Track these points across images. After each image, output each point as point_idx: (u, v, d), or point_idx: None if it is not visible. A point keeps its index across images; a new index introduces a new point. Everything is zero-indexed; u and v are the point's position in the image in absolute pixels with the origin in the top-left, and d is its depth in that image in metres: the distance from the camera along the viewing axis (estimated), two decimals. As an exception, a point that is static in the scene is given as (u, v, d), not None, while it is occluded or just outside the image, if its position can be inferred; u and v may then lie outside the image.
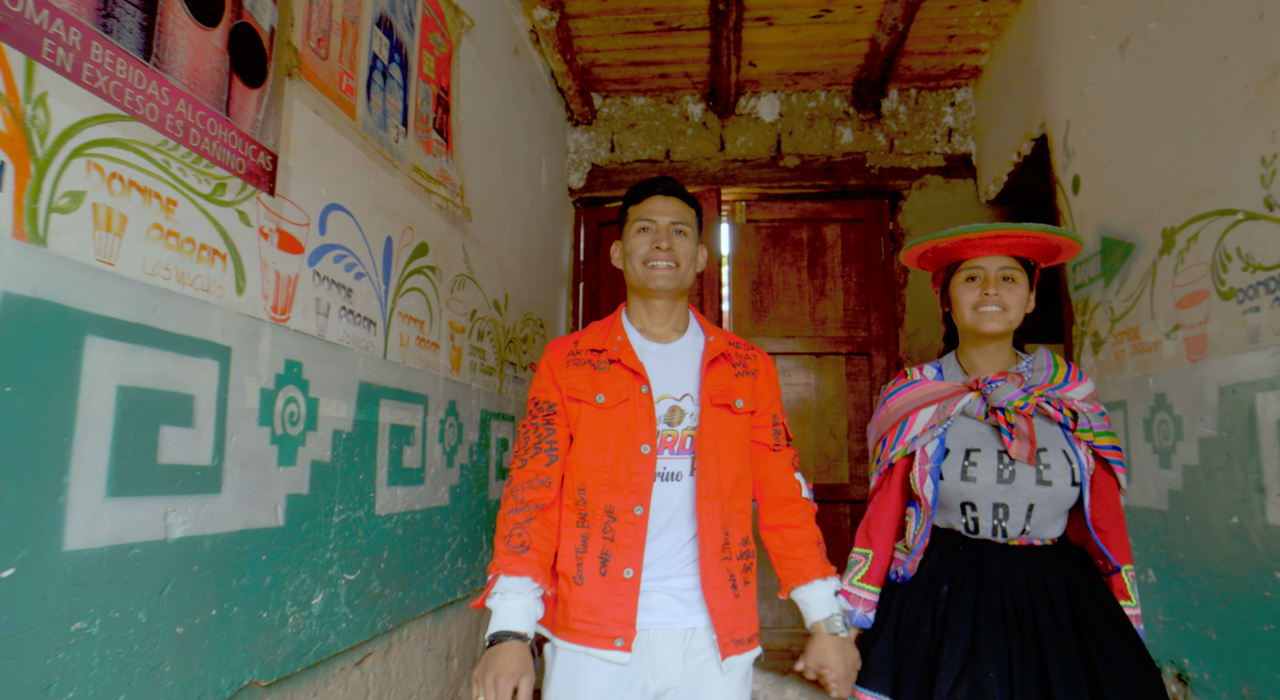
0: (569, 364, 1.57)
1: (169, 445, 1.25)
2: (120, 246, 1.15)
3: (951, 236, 1.56)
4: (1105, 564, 1.55)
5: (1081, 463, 1.50)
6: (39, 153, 1.02)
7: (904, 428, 1.60)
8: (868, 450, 3.97)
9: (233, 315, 1.41)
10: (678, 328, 1.64)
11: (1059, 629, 1.43)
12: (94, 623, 1.10)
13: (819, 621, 1.56)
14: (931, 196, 4.00)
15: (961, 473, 1.53)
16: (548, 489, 1.52)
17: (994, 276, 1.56)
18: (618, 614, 1.46)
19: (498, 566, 1.43)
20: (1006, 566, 1.50)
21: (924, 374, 1.67)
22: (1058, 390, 1.54)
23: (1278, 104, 1.70)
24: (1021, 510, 1.49)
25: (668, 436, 1.53)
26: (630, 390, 1.53)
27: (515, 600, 1.40)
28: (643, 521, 1.49)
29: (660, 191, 1.61)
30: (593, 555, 1.49)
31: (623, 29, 3.51)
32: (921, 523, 1.55)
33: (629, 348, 1.56)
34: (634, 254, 1.59)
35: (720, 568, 1.50)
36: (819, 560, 1.60)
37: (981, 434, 1.55)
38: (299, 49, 1.63)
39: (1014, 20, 3.38)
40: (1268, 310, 1.74)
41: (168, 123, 1.25)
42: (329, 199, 1.75)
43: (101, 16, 1.12)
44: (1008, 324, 1.55)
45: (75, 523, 1.07)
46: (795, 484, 1.65)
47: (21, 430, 0.99)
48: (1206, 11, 1.97)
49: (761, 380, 1.64)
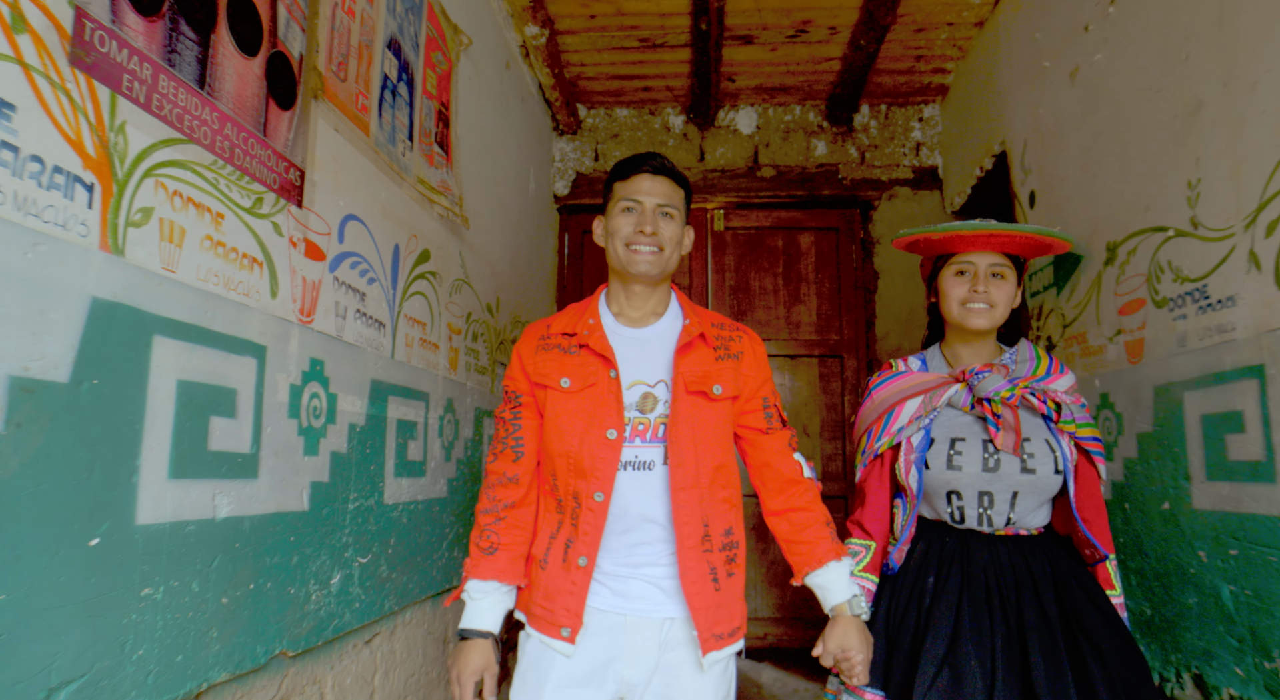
0: (539, 349, 1.54)
1: (217, 434, 1.39)
2: (180, 255, 1.30)
3: (945, 232, 1.56)
4: (1093, 553, 1.55)
5: (1064, 452, 1.52)
6: (119, 174, 1.16)
7: (890, 419, 1.61)
8: (839, 449, 4.16)
9: (268, 317, 1.55)
10: (656, 311, 1.58)
11: (1044, 618, 1.43)
12: (159, 589, 1.25)
13: (840, 603, 1.50)
14: (900, 207, 4.21)
15: (947, 462, 1.53)
16: (516, 486, 1.53)
17: (984, 273, 1.55)
18: (569, 603, 1.44)
19: (468, 567, 1.50)
20: (993, 556, 1.51)
21: (909, 365, 1.67)
22: (1041, 382, 1.56)
23: (1200, 135, 1.90)
24: (1006, 498, 1.51)
25: (639, 424, 1.48)
26: (598, 375, 1.49)
27: (482, 601, 1.48)
28: (603, 509, 1.44)
29: (648, 169, 1.53)
30: (560, 541, 1.48)
31: (609, 45, 3.68)
32: (908, 513, 1.57)
33: (599, 331, 1.52)
34: (616, 234, 1.52)
35: (700, 560, 1.45)
36: (831, 541, 1.53)
37: (966, 424, 1.57)
38: (323, 73, 1.78)
39: (977, 44, 3.59)
40: (1193, 317, 1.94)
41: (217, 144, 1.39)
42: (347, 210, 1.90)
43: (167, 52, 1.27)
44: (994, 321, 1.56)
45: (144, 500, 1.21)
46: (795, 465, 1.57)
47: (105, 417, 1.14)
48: (1143, 49, 2.18)
49: (747, 362, 1.56)
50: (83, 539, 1.09)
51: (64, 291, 1.06)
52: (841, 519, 4.07)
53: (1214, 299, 1.86)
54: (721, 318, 1.63)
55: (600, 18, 3.45)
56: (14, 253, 0.98)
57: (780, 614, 4.11)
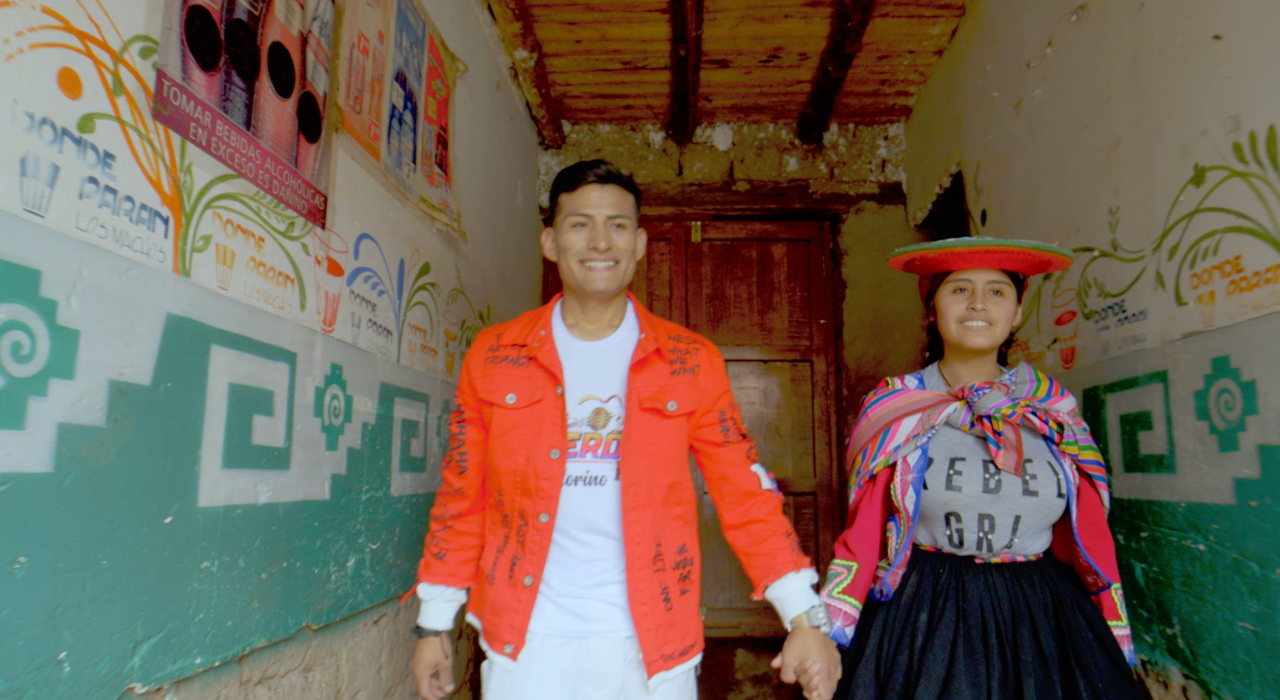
0: (487, 362, 1.52)
1: (258, 430, 1.59)
2: (231, 275, 1.50)
3: (941, 249, 1.51)
4: (1096, 581, 1.48)
5: (1067, 475, 1.46)
6: (187, 207, 1.37)
7: (885, 437, 1.54)
8: (809, 449, 4.40)
9: (298, 327, 1.76)
10: (612, 324, 1.54)
11: (1041, 657, 1.38)
12: (214, 563, 1.45)
13: (799, 616, 1.46)
14: (867, 220, 4.47)
15: (946, 482, 1.46)
16: (462, 497, 1.58)
17: (982, 290, 1.50)
18: (514, 620, 1.44)
19: (421, 570, 1.61)
20: (989, 587, 1.44)
21: (905, 384, 1.61)
22: (1042, 403, 1.51)
23: (1119, 168, 2.16)
24: (1008, 522, 1.43)
25: (590, 439, 1.46)
26: (545, 390, 1.46)
27: (432, 603, 1.60)
28: (548, 529, 1.43)
29: (594, 178, 1.47)
30: (507, 556, 1.48)
31: (593, 67, 3.90)
32: (902, 535, 1.49)
33: (549, 344, 1.48)
34: (569, 251, 1.48)
35: (651, 580, 1.44)
36: (790, 553, 1.50)
37: (966, 444, 1.50)
38: (342, 108, 1.98)
39: (937, 71, 3.86)
40: (1114, 328, 2.20)
41: (260, 177, 1.60)
42: (361, 229, 2.10)
43: (222, 100, 1.47)
44: (994, 340, 1.51)
45: (204, 486, 1.42)
46: (753, 477, 1.55)
47: (176, 415, 1.34)
48: (1074, 88, 2.44)
49: (703, 376, 1.53)
50: (159, 517, 1.30)
51: (147, 309, 1.26)
52: (812, 515, 4.32)
53: (1130, 312, 2.11)
54: (679, 329, 1.60)
55: (585, 42, 3.67)
56: (113, 277, 1.19)
57: (752, 604, 4.34)
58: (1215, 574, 1.77)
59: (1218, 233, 1.75)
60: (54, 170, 1.07)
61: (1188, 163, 1.85)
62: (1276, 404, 1.57)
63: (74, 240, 1.11)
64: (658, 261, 4.60)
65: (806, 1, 3.35)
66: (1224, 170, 1.73)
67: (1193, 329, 1.84)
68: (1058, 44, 2.55)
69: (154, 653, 1.28)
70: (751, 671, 4.02)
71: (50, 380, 1.07)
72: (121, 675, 1.21)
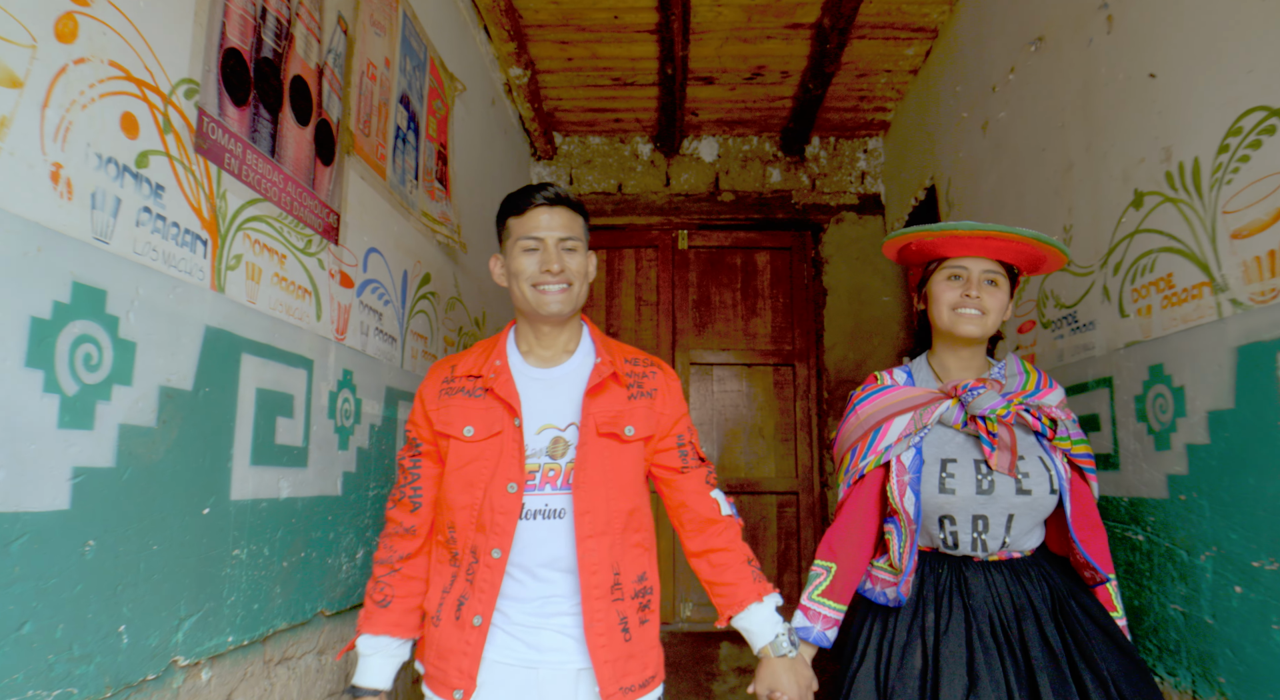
0: (442, 393, 1.48)
1: (280, 430, 1.74)
2: (258, 290, 1.65)
3: (940, 232, 1.49)
4: (1094, 575, 1.48)
5: (1059, 470, 1.46)
6: (222, 230, 1.52)
7: (876, 436, 1.52)
8: (791, 450, 4.58)
9: (315, 337, 1.91)
10: (567, 349, 1.52)
11: (1049, 649, 1.39)
12: (244, 551, 1.60)
13: (764, 646, 1.49)
14: (847, 230, 4.65)
15: (939, 485, 1.44)
16: (413, 537, 1.49)
17: (977, 278, 1.48)
18: (462, 663, 1.38)
19: (361, 621, 1.48)
20: (990, 584, 1.44)
21: (894, 379, 1.58)
22: (1032, 397, 1.50)
23: (1072, 189, 2.34)
24: (1001, 521, 1.43)
25: (549, 470, 1.42)
26: (504, 422, 1.43)
27: (373, 657, 1.47)
28: (500, 566, 1.38)
29: (543, 201, 1.46)
30: (453, 597, 1.42)
31: (584, 83, 4.06)
32: (905, 539, 1.46)
33: (506, 374, 1.45)
34: (520, 276, 1.45)
35: (609, 611, 1.40)
36: (752, 582, 1.50)
37: (958, 443, 1.48)
38: (353, 132, 2.13)
39: (912, 89, 4.04)
40: (1068, 337, 2.38)
41: (282, 200, 1.75)
42: (369, 244, 2.25)
43: (251, 131, 1.62)
44: (985, 330, 1.49)
45: (236, 481, 1.57)
46: (713, 504, 1.54)
47: (213, 417, 1.49)
48: (1033, 114, 2.62)
49: (661, 400, 1.51)
50: (199, 508, 1.45)
51: (189, 322, 1.42)
52: (794, 514, 4.49)
53: (1081, 322, 2.29)
54: (636, 352, 1.58)
55: (577, 60, 3.83)
56: (162, 295, 1.34)
57: (737, 599, 4.50)
58: (1151, 562, 1.94)
59: (1154, 252, 1.93)
60: (117, 202, 1.23)
61: (1129, 187, 2.03)
62: (1202, 407, 1.75)
63: (132, 263, 1.26)
64: (646, 267, 4.76)
65: (787, 24, 3.52)
66: (1158, 196, 1.91)
67: (1133, 339, 2.02)
68: (1019, 71, 2.73)
69: (194, 630, 1.43)
70: (735, 663, 4.19)
71: (113, 386, 1.22)
72: (168, 648, 1.36)
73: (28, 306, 1.06)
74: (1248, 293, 1.61)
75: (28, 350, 1.06)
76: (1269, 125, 1.55)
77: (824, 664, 1.62)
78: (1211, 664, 1.72)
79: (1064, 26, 2.39)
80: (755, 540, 4.44)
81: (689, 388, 4.63)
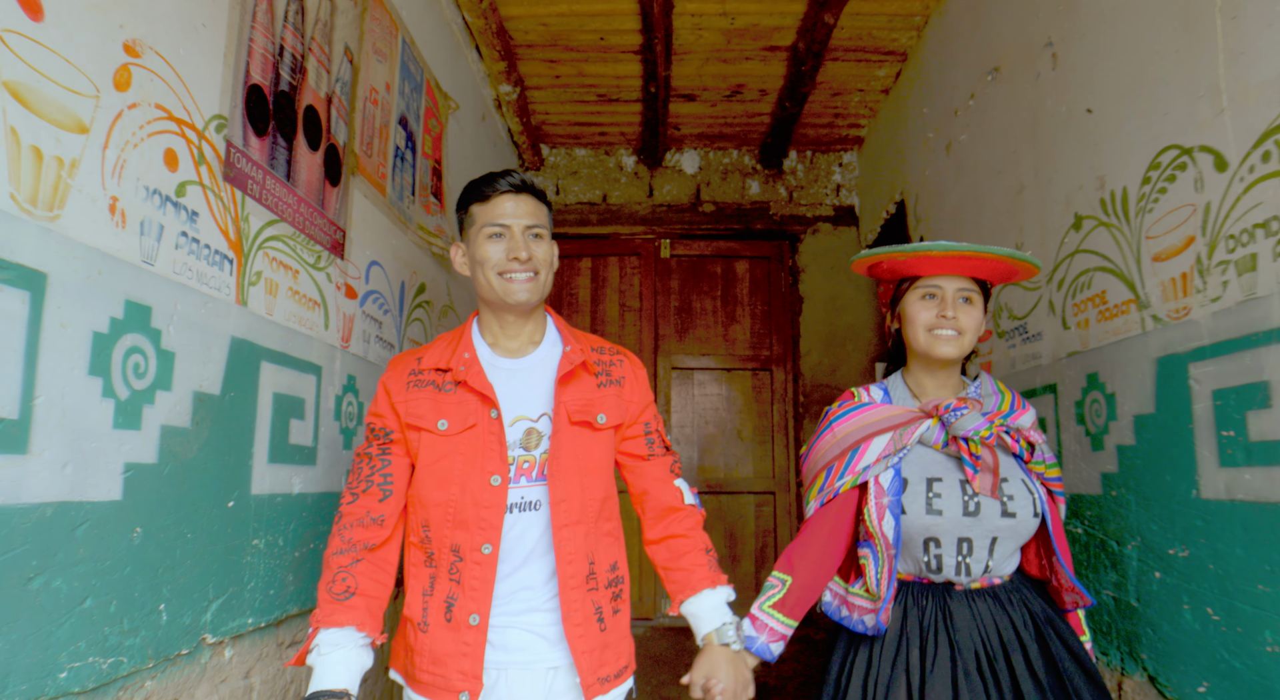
0: (409, 386, 1.43)
1: (293, 431, 1.90)
2: (275, 303, 1.81)
3: (913, 252, 1.47)
4: (1076, 599, 1.46)
5: (1040, 494, 1.45)
6: (245, 249, 1.68)
7: (855, 455, 1.48)
8: (768, 451, 4.76)
9: (323, 345, 2.06)
10: (533, 339, 1.50)
11: (1038, 682, 1.38)
12: (262, 542, 1.75)
13: (709, 632, 1.46)
14: (823, 240, 4.84)
15: (926, 506, 1.41)
16: (380, 528, 1.39)
17: (952, 297, 1.47)
18: (463, 665, 1.33)
19: (318, 618, 1.33)
20: (975, 616, 1.41)
21: (871, 396, 1.55)
22: (1009, 418, 1.48)
23: (1022, 210, 2.54)
24: (985, 545, 1.41)
25: (524, 462, 1.40)
26: (478, 415, 1.39)
27: (334, 654, 1.30)
28: (491, 562, 1.34)
29: (509, 188, 1.43)
30: (438, 599, 1.36)
31: (571, 99, 4.23)
32: (883, 565, 1.42)
33: (476, 366, 1.41)
34: (486, 263, 1.41)
35: (585, 601, 1.38)
36: (707, 569, 1.49)
37: (940, 463, 1.45)
38: (357, 154, 2.29)
39: (884, 107, 4.24)
40: (1019, 346, 2.58)
41: (296, 220, 1.91)
42: (371, 257, 2.41)
43: (270, 159, 1.78)
44: (962, 350, 1.48)
45: (256, 477, 1.72)
46: (676, 491, 1.53)
47: (237, 419, 1.65)
48: (990, 138, 2.82)
49: (629, 388, 1.51)
50: (225, 501, 1.60)
51: (218, 333, 1.57)
52: (770, 512, 4.67)
53: (1031, 333, 2.49)
54: (601, 341, 1.57)
55: (564, 78, 4.00)
56: (196, 310, 1.49)
57: (716, 595, 4.68)
58: (1089, 553, 2.14)
59: (1090, 271, 2.13)
60: (160, 229, 1.38)
61: (1070, 211, 2.23)
62: (1129, 412, 1.95)
63: (172, 282, 1.42)
64: (629, 275, 4.93)
65: (765, 47, 3.71)
66: (1094, 220, 2.11)
67: (1074, 349, 2.21)
68: (978, 97, 2.93)
69: (220, 611, 1.59)
70: (714, 656, 4.36)
71: (156, 391, 1.37)
72: (199, 626, 1.51)
73: (91, 323, 1.21)
74: (1166, 310, 1.80)
75: (90, 360, 1.21)
76: (1181, 162, 1.74)
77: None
78: (1136, 642, 1.91)
79: (1017, 60, 2.59)
80: (734, 538, 4.62)
81: (670, 391, 4.80)
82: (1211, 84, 1.65)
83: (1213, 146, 1.64)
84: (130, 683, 1.32)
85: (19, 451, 1.08)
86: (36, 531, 1.12)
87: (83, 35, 1.20)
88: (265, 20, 1.74)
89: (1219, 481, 1.63)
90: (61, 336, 1.16)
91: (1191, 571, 1.72)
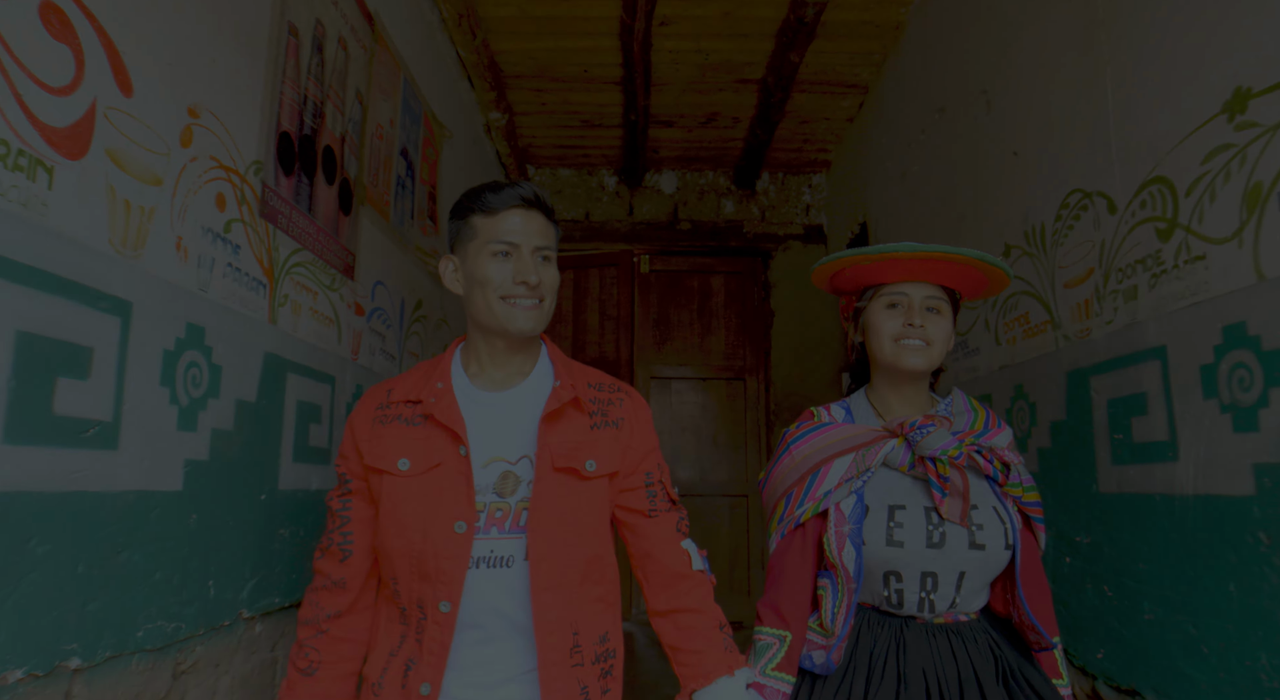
0: (375, 422, 1.28)
1: (312, 434, 2.14)
2: (298, 322, 2.05)
3: (879, 255, 1.35)
4: (1039, 640, 1.33)
5: (1014, 523, 1.31)
6: (275, 275, 1.92)
7: (814, 480, 1.35)
8: (742, 457, 5.03)
9: (336, 357, 2.31)
10: (522, 370, 1.32)
11: None
12: (287, 531, 1.99)
13: None
14: (793, 257, 5.13)
15: (887, 536, 1.29)
16: (343, 592, 1.28)
17: (919, 305, 1.36)
18: None
19: (282, 692, 1.28)
20: (933, 652, 1.28)
21: (832, 415, 1.44)
22: (983, 437, 1.36)
23: (964, 237, 2.83)
24: (951, 580, 1.28)
25: (496, 510, 1.22)
26: (444, 452, 1.23)
27: None
28: (449, 621, 1.18)
29: (520, 202, 1.26)
30: (400, 661, 1.22)
31: (556, 124, 4.50)
32: (841, 598, 1.31)
33: (448, 398, 1.25)
34: (487, 284, 1.25)
35: (568, 677, 1.20)
36: (722, 651, 1.29)
37: (905, 488, 1.33)
38: (366, 185, 2.54)
39: (849, 135, 4.55)
40: (960, 360, 2.86)
41: (316, 247, 2.15)
42: (376, 277, 2.66)
43: (295, 194, 2.03)
44: (930, 362, 1.36)
45: (282, 474, 1.96)
46: (683, 555, 1.33)
47: (268, 423, 1.89)
48: (937, 171, 3.11)
49: (627, 431, 1.32)
50: (258, 495, 1.84)
51: (254, 349, 1.82)
52: (744, 514, 4.94)
53: (970, 349, 2.78)
54: (602, 376, 1.38)
55: (550, 105, 4.27)
56: (240, 329, 1.74)
57: (692, 593, 4.93)
58: (1016, 542, 2.42)
59: (1017, 294, 2.42)
60: (212, 262, 1.63)
61: (1001, 241, 2.52)
62: (1046, 419, 2.23)
63: (221, 306, 1.66)
64: (609, 287, 5.20)
65: (737, 79, 4.00)
66: (1019, 249, 2.40)
67: (1004, 363, 2.50)
68: (928, 132, 3.23)
69: (254, 590, 1.83)
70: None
71: (209, 399, 1.62)
72: (238, 602, 1.75)
73: (162, 341, 1.46)
74: (1074, 330, 2.09)
75: (161, 373, 1.46)
76: (1084, 204, 2.03)
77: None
78: (1052, 619, 2.19)
79: (959, 102, 2.88)
80: (710, 539, 4.88)
81: (649, 400, 5.07)
82: (1104, 139, 1.94)
83: (1106, 192, 1.94)
84: (185, 646, 1.55)
85: (111, 447, 1.33)
86: (123, 514, 1.36)
87: (159, 104, 1.45)
88: (293, 74, 1.99)
89: (1112, 477, 1.92)
90: (141, 354, 1.40)
91: (1093, 555, 2.00)
